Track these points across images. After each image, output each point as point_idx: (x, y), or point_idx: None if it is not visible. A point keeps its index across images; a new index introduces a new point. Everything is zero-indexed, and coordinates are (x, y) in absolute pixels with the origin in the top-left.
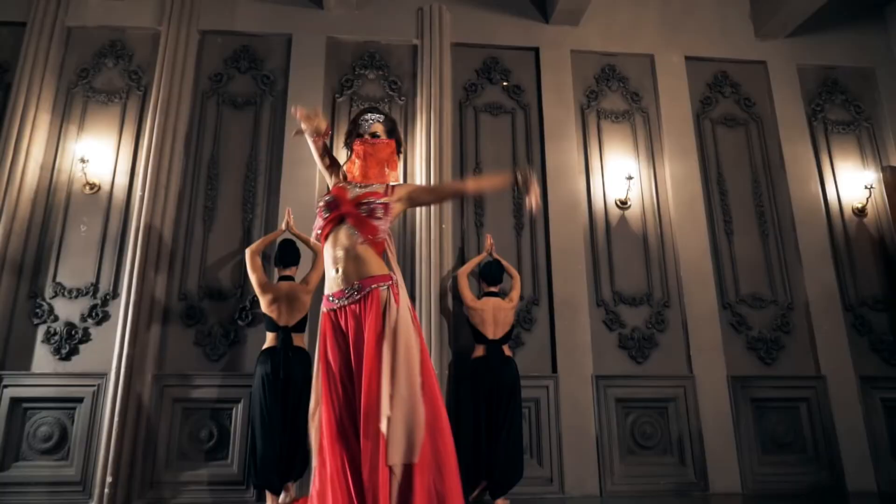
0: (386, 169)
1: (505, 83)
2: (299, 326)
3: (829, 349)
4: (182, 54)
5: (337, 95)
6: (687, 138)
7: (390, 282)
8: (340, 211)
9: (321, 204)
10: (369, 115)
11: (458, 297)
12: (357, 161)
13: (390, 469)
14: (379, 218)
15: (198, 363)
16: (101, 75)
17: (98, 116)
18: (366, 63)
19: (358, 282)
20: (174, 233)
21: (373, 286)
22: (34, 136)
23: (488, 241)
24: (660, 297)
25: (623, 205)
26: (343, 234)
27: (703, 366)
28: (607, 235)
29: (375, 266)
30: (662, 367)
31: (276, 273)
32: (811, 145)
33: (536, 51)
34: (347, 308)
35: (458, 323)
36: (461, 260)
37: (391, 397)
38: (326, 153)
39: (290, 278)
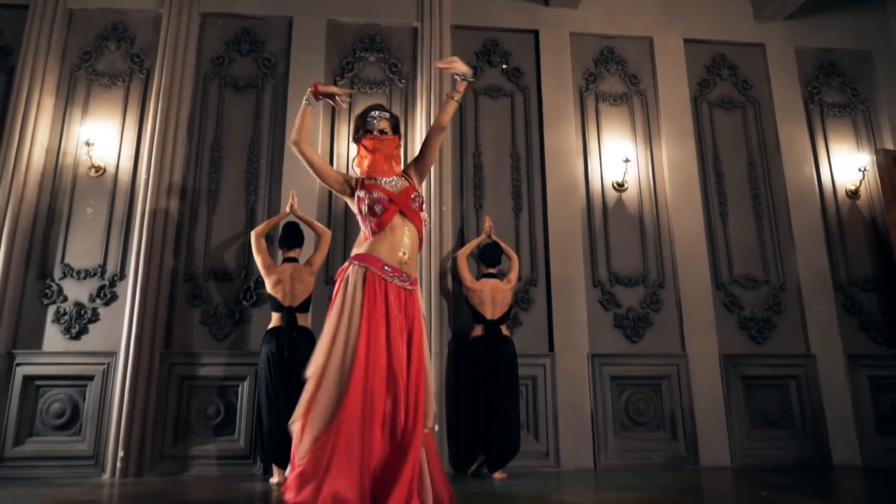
0: (392, 162)
1: (505, 66)
2: (303, 307)
3: (819, 328)
4: (183, 37)
5: (338, 78)
6: (684, 121)
7: (417, 288)
8: (398, 206)
9: (372, 198)
10: (376, 112)
11: (457, 278)
12: (368, 156)
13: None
14: (422, 210)
15: (204, 342)
16: (104, 58)
17: (101, 100)
18: (366, 46)
19: (411, 275)
20: (179, 215)
21: (416, 288)
22: (39, 120)
23: (487, 223)
24: (655, 277)
25: (620, 187)
26: (400, 223)
27: (696, 344)
28: (604, 217)
29: (416, 267)
30: (656, 345)
31: (280, 255)
32: (807, 128)
33: (536, 33)
34: (399, 288)
35: (457, 303)
36: (461, 241)
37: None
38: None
39: (295, 260)
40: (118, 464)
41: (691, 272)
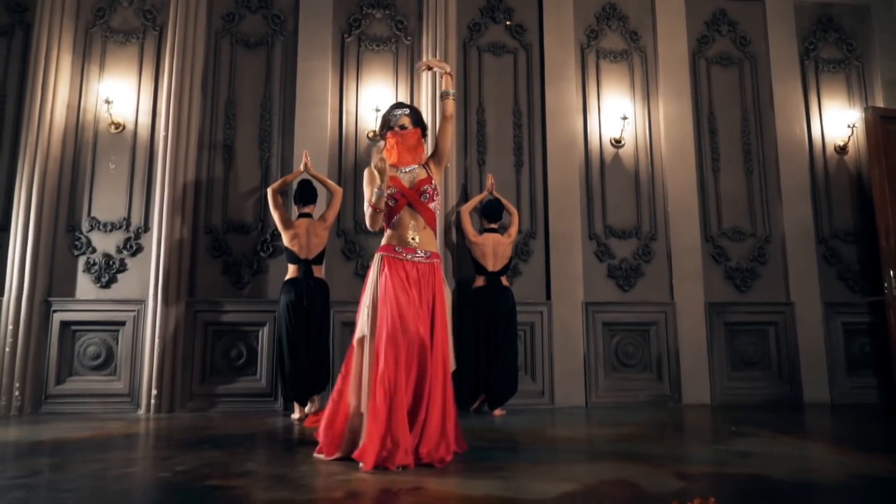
0: (415, 152)
1: (508, 22)
2: (318, 259)
3: (799, 278)
4: None
5: (346, 35)
6: (682, 78)
7: (440, 260)
8: (407, 199)
9: (388, 193)
10: (397, 110)
11: (461, 232)
12: (393, 149)
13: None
14: (433, 200)
15: (226, 290)
16: (117, 15)
17: (117, 56)
18: (373, 2)
19: (427, 251)
20: (197, 170)
21: (436, 260)
22: (59, 77)
23: (489, 180)
24: (648, 230)
25: (617, 143)
26: (408, 214)
27: (684, 293)
28: (601, 173)
29: (436, 244)
30: (646, 294)
31: (295, 210)
32: (801, 84)
33: None
34: (416, 263)
35: (460, 255)
36: (465, 196)
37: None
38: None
39: (309, 216)
40: (152, 401)
41: (682, 225)
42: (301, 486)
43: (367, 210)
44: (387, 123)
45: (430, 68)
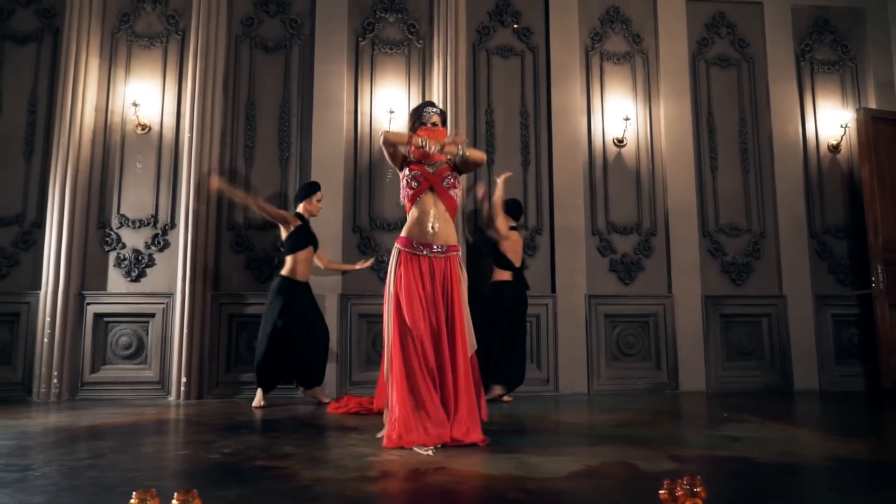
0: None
1: (515, 25)
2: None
3: (792, 272)
4: None
5: (360, 39)
6: (682, 79)
7: (459, 251)
8: (430, 182)
9: (410, 176)
10: (429, 108)
11: (486, 226)
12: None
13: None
14: (455, 187)
15: (248, 284)
16: (141, 20)
17: (142, 60)
18: (386, 6)
19: (445, 244)
20: (220, 169)
21: (453, 253)
22: (87, 80)
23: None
24: (648, 226)
25: (620, 143)
26: (430, 199)
27: (682, 287)
28: (604, 171)
29: (454, 236)
30: (646, 287)
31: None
32: (796, 85)
33: None
34: (432, 258)
35: (468, 249)
36: (473, 195)
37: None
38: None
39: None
40: (182, 388)
41: (681, 221)
42: (339, 467)
43: (382, 138)
44: (419, 119)
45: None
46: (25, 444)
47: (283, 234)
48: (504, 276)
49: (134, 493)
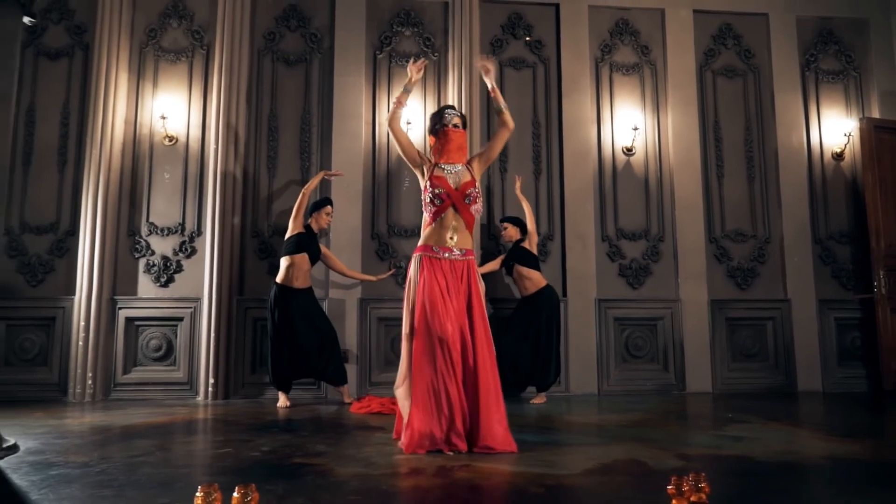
0: (461, 152)
1: (527, 38)
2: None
3: (796, 277)
4: (238, 13)
5: (377, 52)
6: (689, 89)
7: (474, 256)
8: (452, 201)
9: (434, 192)
10: (450, 110)
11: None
12: (445, 145)
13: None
14: (476, 203)
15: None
16: (168, 35)
17: (169, 74)
18: (402, 20)
19: (463, 249)
20: (244, 179)
21: (470, 257)
22: (117, 94)
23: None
24: (656, 232)
25: (629, 152)
26: (451, 216)
27: (689, 291)
28: (614, 179)
29: (471, 243)
30: (654, 291)
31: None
32: (801, 94)
33: (557, 7)
34: (452, 261)
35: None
36: (487, 203)
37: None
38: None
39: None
40: (209, 388)
41: (688, 228)
42: (371, 464)
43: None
44: (440, 120)
45: (487, 71)
46: (76, 442)
47: (286, 234)
48: (543, 280)
49: (199, 486)
